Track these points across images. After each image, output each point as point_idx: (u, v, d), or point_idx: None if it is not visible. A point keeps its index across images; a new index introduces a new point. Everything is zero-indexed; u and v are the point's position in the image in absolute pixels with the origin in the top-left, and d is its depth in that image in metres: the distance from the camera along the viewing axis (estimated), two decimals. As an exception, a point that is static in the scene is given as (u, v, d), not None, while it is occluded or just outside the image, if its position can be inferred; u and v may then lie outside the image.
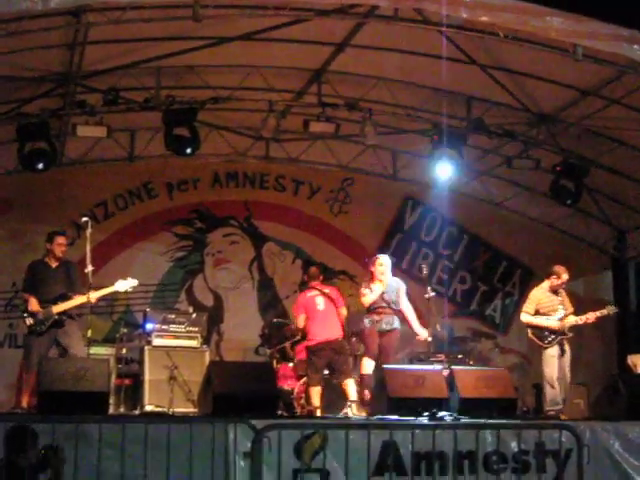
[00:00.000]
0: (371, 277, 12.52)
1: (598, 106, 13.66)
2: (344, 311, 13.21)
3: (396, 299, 12.49)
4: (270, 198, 17.37)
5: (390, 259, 12.94)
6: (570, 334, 12.55)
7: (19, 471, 7.06)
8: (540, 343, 12.55)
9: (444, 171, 14.75)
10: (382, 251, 17.36)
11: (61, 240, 11.72)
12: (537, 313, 12.67)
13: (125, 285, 11.91)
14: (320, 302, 12.99)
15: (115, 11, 11.10)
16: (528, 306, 12.80)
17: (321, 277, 13.48)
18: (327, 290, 13.21)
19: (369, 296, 12.31)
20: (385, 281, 12.49)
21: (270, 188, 17.43)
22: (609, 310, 12.76)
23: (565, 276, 12.75)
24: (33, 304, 11.34)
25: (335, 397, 12.90)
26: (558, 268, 12.84)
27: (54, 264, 11.67)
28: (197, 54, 12.89)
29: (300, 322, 13.25)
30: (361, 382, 12.56)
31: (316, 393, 12.66)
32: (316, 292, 13.10)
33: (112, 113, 13.58)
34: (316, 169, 17.40)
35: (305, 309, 13.16)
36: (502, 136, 14.74)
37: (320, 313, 12.91)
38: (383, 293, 12.39)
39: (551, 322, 12.53)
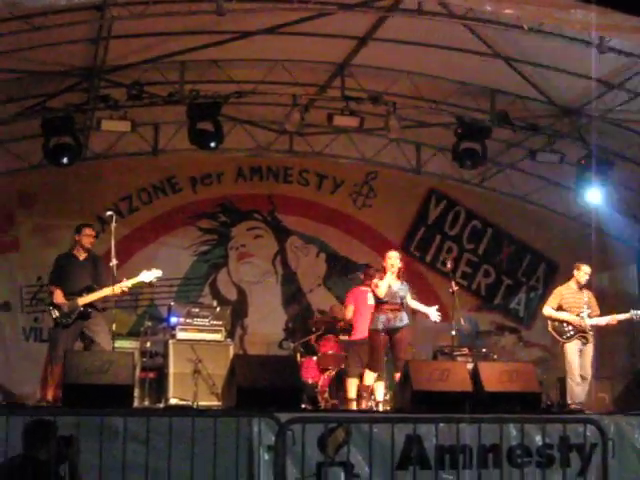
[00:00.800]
0: (383, 271, 12.45)
1: (623, 99, 13.60)
2: None
3: (406, 295, 12.40)
4: (294, 192, 17.38)
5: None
6: (591, 332, 12.50)
7: (40, 465, 7.09)
8: (559, 338, 12.53)
9: (468, 164, 14.74)
10: (407, 244, 17.50)
11: (89, 231, 11.76)
12: (560, 309, 12.63)
13: (150, 276, 11.92)
14: (371, 298, 12.88)
15: (139, 5, 11.17)
16: (552, 301, 12.78)
17: (376, 276, 13.34)
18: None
19: (381, 287, 12.21)
20: (395, 274, 12.34)
21: (294, 182, 17.44)
22: (634, 315, 12.68)
23: (585, 268, 12.70)
24: (58, 296, 11.38)
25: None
26: (581, 265, 12.82)
27: (82, 256, 11.70)
28: (221, 48, 12.91)
29: (348, 313, 13.38)
30: (361, 392, 12.42)
31: (353, 385, 12.62)
32: (369, 289, 13.00)
33: (136, 107, 13.64)
34: (340, 163, 17.39)
35: (355, 302, 13.20)
36: (526, 129, 14.70)
37: (369, 308, 12.82)
38: (398, 289, 12.28)
39: (572, 317, 12.49)
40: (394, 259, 12.27)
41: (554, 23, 11.10)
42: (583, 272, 12.72)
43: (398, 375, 11.96)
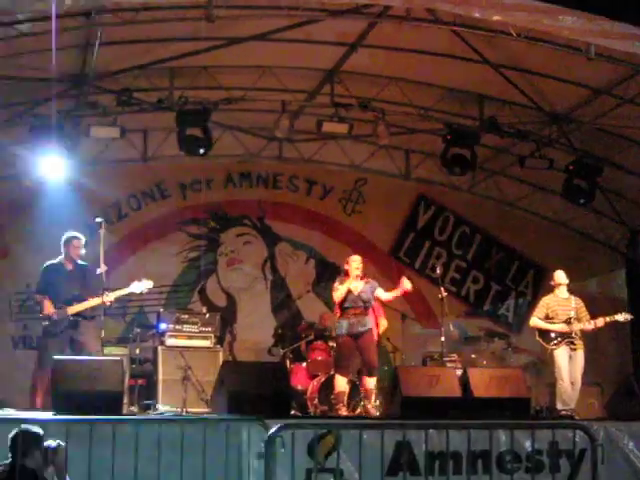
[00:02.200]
0: (346, 275, 12.45)
1: (611, 105, 13.65)
2: (384, 322, 13.22)
3: (371, 297, 12.39)
4: (283, 198, 17.38)
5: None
6: (579, 338, 12.51)
7: (28, 473, 7.07)
8: (547, 346, 12.55)
9: (456, 171, 14.78)
10: (395, 250, 17.51)
11: (77, 243, 11.73)
12: (547, 318, 12.66)
13: (140, 287, 11.91)
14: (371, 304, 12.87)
15: (128, 12, 11.16)
16: (538, 311, 12.81)
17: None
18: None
19: (339, 291, 12.21)
20: (360, 284, 12.30)
21: (283, 188, 17.44)
22: (623, 317, 12.70)
23: (558, 279, 12.74)
24: (47, 307, 11.36)
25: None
26: (555, 272, 12.89)
27: (70, 266, 11.70)
28: (210, 55, 12.91)
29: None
30: (336, 399, 12.39)
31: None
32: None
33: (125, 114, 13.62)
34: (329, 169, 17.40)
35: None
36: (515, 136, 14.73)
37: None
38: (360, 292, 12.26)
39: (558, 326, 12.52)
40: (357, 263, 12.27)
41: (543, 29, 11.12)
42: (556, 282, 12.77)
43: (372, 380, 12.01)
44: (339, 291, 12.13)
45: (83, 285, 11.59)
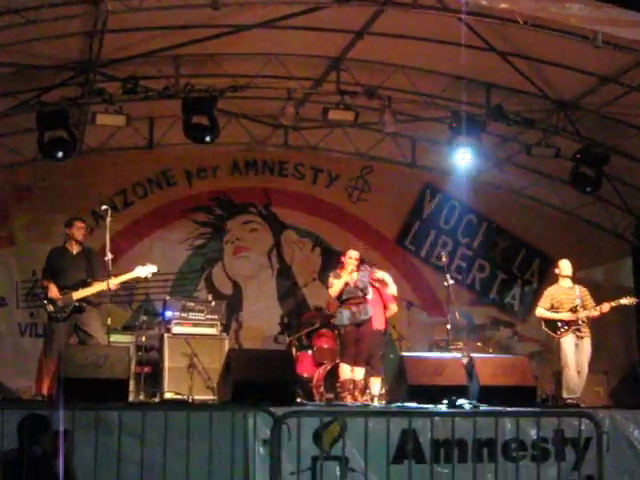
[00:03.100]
0: (341, 267, 12.49)
1: (618, 93, 13.62)
2: (393, 307, 13.22)
3: (367, 284, 12.42)
4: (289, 186, 17.37)
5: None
6: (585, 326, 12.51)
7: (35, 459, 7.10)
8: (553, 335, 12.57)
9: (463, 159, 14.77)
10: (401, 239, 17.51)
11: (79, 224, 11.75)
12: (552, 308, 12.67)
13: (145, 271, 11.92)
14: (369, 292, 12.87)
15: (134, -1, 11.15)
16: (543, 302, 12.83)
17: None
18: (377, 284, 13.07)
19: (335, 285, 12.25)
20: (354, 274, 12.34)
21: (289, 176, 17.42)
22: (628, 301, 12.71)
23: (563, 269, 12.74)
24: (53, 291, 11.37)
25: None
26: (560, 261, 12.89)
27: (75, 250, 11.70)
28: (216, 42, 12.89)
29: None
30: (342, 387, 12.41)
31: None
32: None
33: (131, 101, 13.59)
34: (335, 157, 17.38)
35: None
36: (521, 124, 14.70)
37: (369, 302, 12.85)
38: (356, 282, 12.29)
39: (564, 314, 12.52)
40: (353, 259, 12.31)
41: (550, 17, 11.10)
42: (561, 269, 12.77)
43: (361, 370, 12.04)
44: (335, 286, 12.21)
45: (88, 269, 11.60)
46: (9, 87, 13.24)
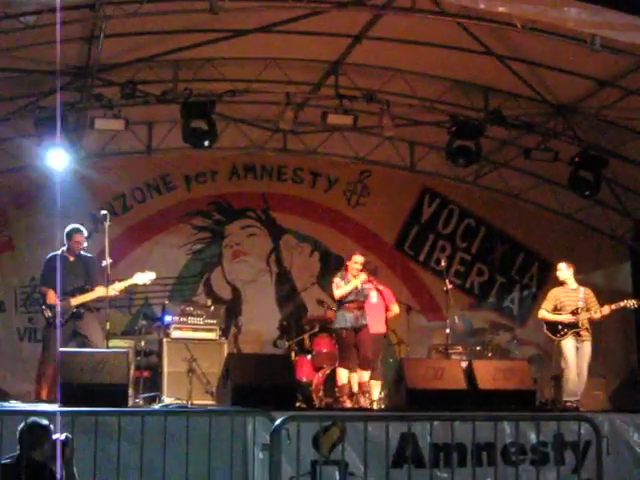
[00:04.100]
0: (345, 269, 12.52)
1: (616, 97, 13.62)
2: (395, 308, 13.22)
3: (367, 291, 12.49)
4: (288, 190, 17.38)
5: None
6: (584, 326, 12.50)
7: (35, 465, 7.08)
8: (553, 337, 12.55)
9: (461, 163, 14.77)
10: (400, 243, 17.51)
11: (79, 238, 11.74)
12: (555, 310, 12.65)
13: (144, 278, 11.93)
14: (374, 296, 12.89)
15: (132, 4, 11.15)
16: (546, 304, 12.79)
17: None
18: (381, 287, 13.11)
19: (343, 288, 12.27)
20: (359, 277, 12.39)
21: (288, 180, 17.43)
22: (629, 303, 12.70)
23: (564, 271, 12.72)
24: (51, 297, 11.38)
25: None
26: (559, 263, 12.88)
27: (73, 257, 11.72)
28: (214, 47, 12.91)
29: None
30: (340, 392, 12.42)
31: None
32: (372, 286, 12.99)
33: (130, 106, 13.62)
34: (334, 161, 17.39)
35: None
36: (520, 127, 14.71)
37: (373, 306, 12.85)
38: (359, 288, 12.33)
39: (564, 317, 12.51)
40: (359, 265, 12.34)
41: (547, 21, 11.11)
42: (561, 273, 12.76)
43: (367, 373, 12.05)
44: (343, 289, 12.19)
45: (86, 276, 11.61)
46: (8, 92, 13.24)
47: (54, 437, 7.22)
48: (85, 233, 11.92)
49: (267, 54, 13.56)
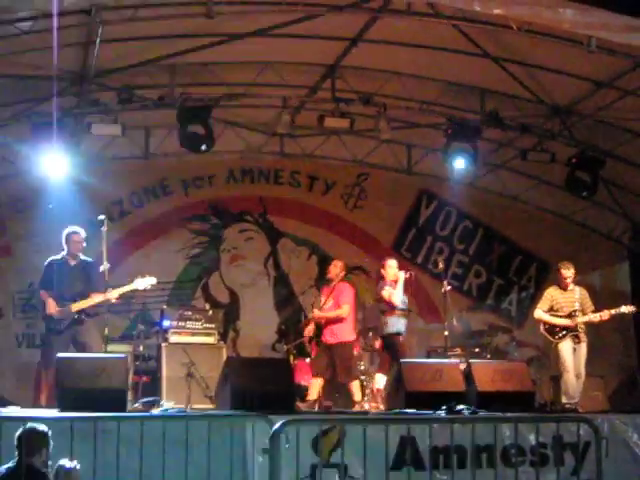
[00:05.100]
0: (382, 278, 12.58)
1: (613, 97, 13.63)
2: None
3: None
4: (285, 194, 17.38)
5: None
6: (582, 329, 12.51)
7: (34, 472, 7.08)
8: (551, 339, 12.57)
9: (458, 165, 14.77)
10: (397, 246, 17.50)
11: (77, 238, 11.77)
12: (551, 310, 12.65)
13: (144, 283, 11.94)
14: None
15: (128, 9, 11.16)
16: (542, 303, 12.81)
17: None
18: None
19: (397, 292, 12.36)
20: (400, 277, 12.49)
21: (285, 184, 17.44)
22: (627, 309, 12.71)
23: (564, 271, 12.71)
24: (51, 306, 11.39)
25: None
26: (559, 264, 12.86)
27: (73, 262, 11.72)
28: (211, 51, 12.90)
29: (344, 312, 13.10)
30: (374, 397, 12.48)
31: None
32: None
33: (126, 111, 13.62)
34: (331, 164, 17.39)
35: (353, 301, 13.24)
36: (517, 129, 14.72)
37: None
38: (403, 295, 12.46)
39: (562, 320, 12.51)
40: (394, 268, 12.41)
41: (543, 23, 11.12)
42: (563, 275, 12.74)
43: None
44: (397, 292, 12.34)
45: (87, 281, 11.62)
46: (4, 98, 13.23)
47: (60, 462, 7.23)
48: (83, 234, 11.94)
49: (263, 58, 13.56)
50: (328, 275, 13.43)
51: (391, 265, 12.65)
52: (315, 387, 12.69)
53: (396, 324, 12.40)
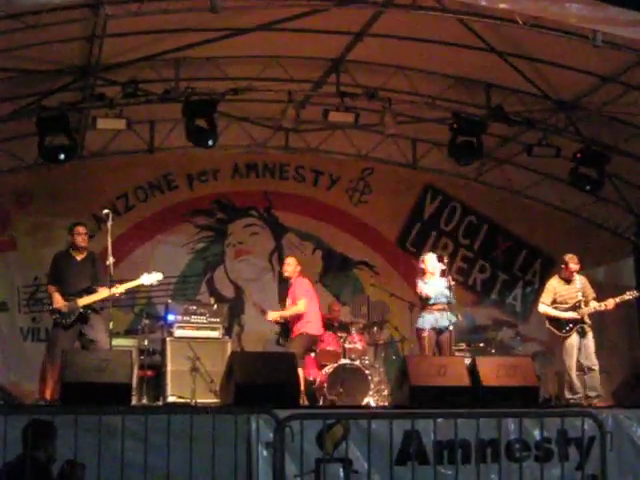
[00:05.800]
0: (423, 273, 12.59)
1: (618, 92, 13.61)
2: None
3: (449, 292, 12.52)
4: (290, 188, 17.38)
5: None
6: (589, 321, 12.50)
7: (38, 465, 7.09)
8: (558, 333, 12.51)
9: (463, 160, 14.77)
10: (402, 240, 17.50)
11: (81, 230, 11.76)
12: (555, 302, 12.63)
13: (151, 279, 11.95)
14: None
15: (133, 3, 11.15)
16: (545, 296, 12.76)
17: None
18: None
19: (427, 290, 12.35)
20: (436, 275, 12.51)
21: (290, 178, 17.43)
22: (630, 294, 12.71)
23: (573, 265, 12.68)
24: (57, 301, 11.38)
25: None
26: (566, 257, 12.82)
27: (79, 256, 11.71)
28: (216, 45, 12.89)
29: (301, 307, 13.17)
30: None
31: None
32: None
33: (131, 105, 13.61)
34: (336, 159, 17.38)
35: (308, 294, 13.30)
36: (522, 124, 14.69)
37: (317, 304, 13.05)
38: (442, 288, 12.41)
39: (568, 314, 12.48)
40: (431, 261, 12.43)
41: (549, 17, 11.09)
42: (570, 269, 12.70)
43: None
44: (426, 290, 12.36)
45: (93, 276, 11.62)
46: (9, 92, 13.24)
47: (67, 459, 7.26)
48: (85, 226, 11.95)
49: (268, 52, 13.54)
50: (285, 275, 13.53)
51: (427, 259, 12.67)
52: None
53: (421, 320, 12.38)
